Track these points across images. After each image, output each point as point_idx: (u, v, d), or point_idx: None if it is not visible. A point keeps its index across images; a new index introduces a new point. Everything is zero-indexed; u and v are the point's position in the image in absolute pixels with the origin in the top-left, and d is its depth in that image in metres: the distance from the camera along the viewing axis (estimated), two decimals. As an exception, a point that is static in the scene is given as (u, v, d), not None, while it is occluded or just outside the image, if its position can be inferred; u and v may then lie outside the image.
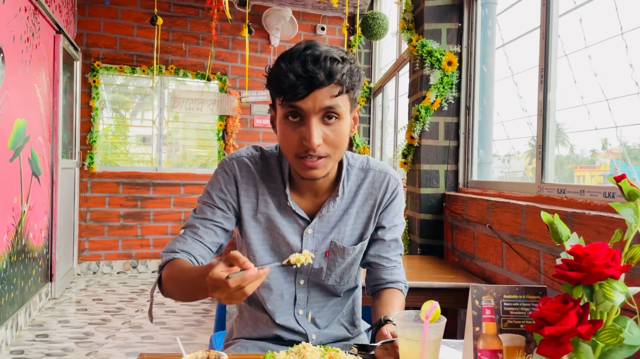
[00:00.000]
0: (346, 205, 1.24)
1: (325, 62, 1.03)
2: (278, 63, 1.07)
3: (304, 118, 1.06)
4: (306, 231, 1.22)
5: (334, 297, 1.32)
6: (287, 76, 1.03)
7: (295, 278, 1.27)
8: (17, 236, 3.43)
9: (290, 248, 1.22)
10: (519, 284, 1.95)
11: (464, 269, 2.51)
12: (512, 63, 2.91)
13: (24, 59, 3.52)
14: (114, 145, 5.76)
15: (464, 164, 2.83)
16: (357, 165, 1.26)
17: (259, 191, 1.22)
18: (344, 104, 1.08)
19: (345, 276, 1.29)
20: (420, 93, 2.88)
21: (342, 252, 1.24)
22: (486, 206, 2.25)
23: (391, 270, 1.32)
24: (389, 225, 1.28)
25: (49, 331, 3.54)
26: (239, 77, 5.64)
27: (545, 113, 1.97)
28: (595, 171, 2.40)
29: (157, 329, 3.63)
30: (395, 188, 1.27)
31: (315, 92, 1.03)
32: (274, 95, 1.10)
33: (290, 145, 1.09)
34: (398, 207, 1.29)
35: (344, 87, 1.06)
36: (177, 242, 1.19)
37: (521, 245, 1.93)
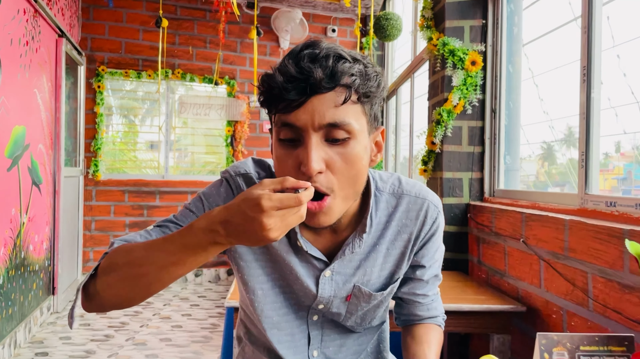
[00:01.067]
0: (374, 239, 0.99)
1: (326, 59, 0.78)
2: (272, 68, 0.83)
3: (300, 136, 0.81)
4: (323, 274, 0.99)
5: (354, 334, 1.11)
6: (274, 78, 0.79)
7: (307, 313, 1.05)
8: (16, 249, 3.26)
9: (304, 290, 1.00)
10: (562, 307, 1.74)
11: (492, 287, 2.30)
12: (532, 64, 2.71)
13: (23, 63, 3.36)
14: (120, 152, 5.61)
15: (490, 172, 2.62)
16: (387, 189, 1.00)
17: None
18: (356, 118, 0.81)
19: (367, 318, 1.08)
20: (441, 96, 2.68)
21: (368, 298, 1.02)
22: (519, 219, 2.04)
23: (428, 305, 1.11)
24: (429, 263, 1.05)
25: (49, 348, 3.36)
26: (247, 81, 5.46)
27: (589, 115, 1.76)
28: (608, 174, 2.34)
29: (162, 346, 3.45)
30: (436, 219, 1.02)
31: (312, 99, 0.78)
32: (262, 104, 0.85)
33: (286, 174, 0.82)
34: (439, 241, 1.06)
35: (351, 91, 0.79)
36: (138, 235, 0.93)
37: (564, 264, 1.72)
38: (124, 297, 0.83)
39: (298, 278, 0.99)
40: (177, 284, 5.29)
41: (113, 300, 0.84)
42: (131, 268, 0.80)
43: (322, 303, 1.02)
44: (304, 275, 0.99)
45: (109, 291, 0.83)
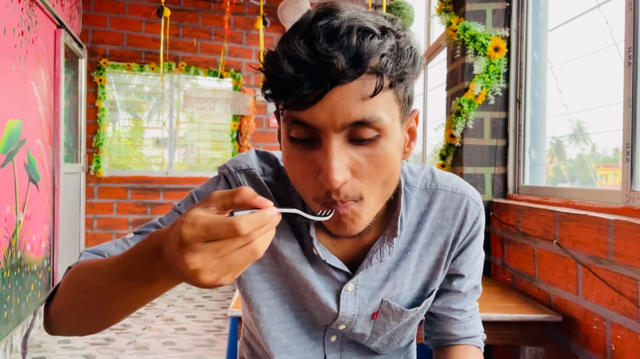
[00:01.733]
0: (404, 245, 0.82)
1: (349, 36, 0.59)
2: (278, 45, 0.63)
3: (317, 136, 0.63)
4: (345, 289, 0.81)
5: (377, 355, 0.93)
6: (280, 66, 0.59)
7: (324, 333, 0.88)
8: (11, 248, 3.11)
9: (322, 308, 0.82)
10: (605, 318, 1.55)
11: (519, 292, 2.11)
12: (550, 54, 2.53)
13: (18, 54, 3.20)
14: (125, 148, 5.45)
15: (514, 167, 2.43)
16: (418, 184, 0.83)
17: (279, 225, 0.77)
18: (387, 109, 0.63)
19: (396, 338, 0.91)
20: (461, 85, 2.49)
21: (398, 315, 0.84)
22: (552, 219, 1.85)
23: (465, 323, 0.92)
24: (468, 272, 0.87)
25: (47, 353, 3.21)
26: (253, 75, 5.29)
27: (635, 102, 1.57)
28: (618, 170, 2.21)
29: (165, 351, 3.29)
30: (477, 218, 0.84)
31: (332, 91, 0.59)
32: (267, 96, 0.66)
33: (300, 181, 0.67)
34: (480, 244, 0.88)
35: (382, 77, 0.61)
36: (113, 245, 0.77)
37: (607, 270, 1.53)
38: (71, 325, 0.68)
39: (315, 294, 0.81)
40: (182, 284, 5.14)
41: (63, 327, 0.69)
42: (77, 292, 0.65)
43: (343, 323, 0.84)
44: (322, 290, 0.81)
45: (58, 316, 0.68)
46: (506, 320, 1.72)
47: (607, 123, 2.26)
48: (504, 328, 1.76)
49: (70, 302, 0.66)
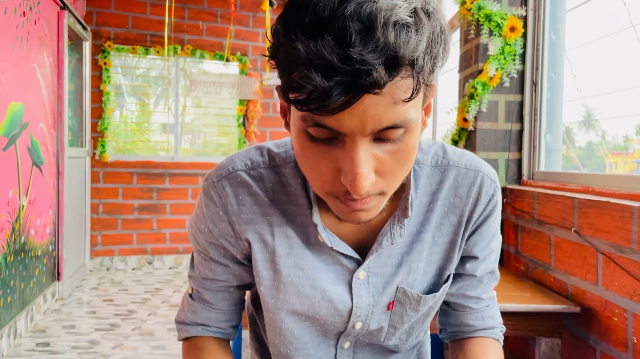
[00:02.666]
0: (416, 226, 0.76)
1: (386, 33, 0.49)
2: (291, 34, 0.52)
3: (340, 136, 0.57)
4: (356, 277, 0.75)
5: (391, 355, 0.87)
6: (309, 72, 0.50)
7: (337, 341, 0.81)
8: (15, 233, 3.07)
9: (334, 306, 0.76)
10: (626, 309, 1.48)
11: (534, 281, 2.04)
12: (567, 36, 2.43)
13: (20, 35, 3.13)
14: (132, 133, 5.39)
15: (529, 152, 2.34)
16: (428, 161, 0.76)
17: (273, 223, 0.75)
18: (416, 107, 0.57)
19: (415, 332, 0.84)
20: (475, 67, 2.39)
21: (416, 303, 0.78)
22: (570, 206, 1.77)
23: (482, 313, 0.85)
24: (483, 254, 0.80)
25: (51, 338, 3.19)
26: (260, 58, 5.20)
27: (663, 83, 1.48)
28: (628, 157, 2.24)
29: (170, 337, 3.25)
30: (493, 195, 0.77)
31: (364, 98, 0.52)
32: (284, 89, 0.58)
33: (317, 176, 0.62)
34: (496, 225, 0.80)
35: (420, 79, 0.54)
36: (188, 312, 0.85)
37: (630, 259, 1.46)
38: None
39: (324, 292, 0.75)
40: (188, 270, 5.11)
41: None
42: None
43: (359, 319, 0.77)
44: (332, 283, 0.75)
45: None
46: (521, 311, 1.65)
47: (618, 110, 2.20)
48: (519, 319, 1.69)
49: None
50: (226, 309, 0.84)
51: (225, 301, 0.83)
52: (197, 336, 0.84)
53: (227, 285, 0.82)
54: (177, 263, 5.11)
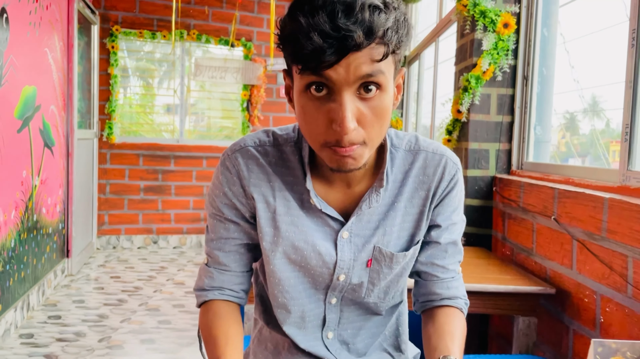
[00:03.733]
0: (391, 197, 0.94)
1: (362, 12, 0.71)
2: (294, 15, 0.74)
3: (332, 90, 0.76)
4: (340, 236, 0.92)
5: (373, 316, 1.02)
6: (310, 37, 0.71)
7: (325, 296, 0.97)
8: (28, 212, 3.22)
9: (322, 258, 0.93)
10: (596, 291, 1.62)
11: (517, 265, 2.18)
12: (564, 28, 2.52)
13: (33, 20, 3.24)
14: (136, 114, 5.52)
15: (519, 143, 2.46)
16: (403, 146, 0.95)
17: (275, 188, 0.93)
18: (388, 70, 0.77)
19: (391, 291, 1.00)
20: (469, 61, 2.50)
21: (389, 260, 0.94)
22: (551, 195, 1.90)
23: (448, 283, 1.00)
24: (445, 223, 0.97)
25: (62, 312, 3.36)
26: (264, 44, 5.29)
27: (637, 83, 1.60)
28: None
29: (175, 313, 3.42)
30: (455, 174, 0.96)
31: (349, 56, 0.72)
32: (291, 62, 0.78)
33: (314, 129, 0.79)
34: (457, 200, 0.98)
35: (389, 46, 0.74)
36: (205, 278, 1.00)
37: (600, 246, 1.59)
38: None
39: (315, 245, 0.92)
40: (192, 249, 5.28)
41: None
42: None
43: (343, 272, 0.94)
44: (320, 239, 0.92)
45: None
46: (502, 291, 1.79)
47: (621, 99, 2.25)
48: (500, 299, 1.83)
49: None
50: (238, 271, 0.99)
51: (237, 262, 0.98)
52: (212, 301, 0.98)
53: (239, 243, 0.97)
54: (181, 242, 5.27)
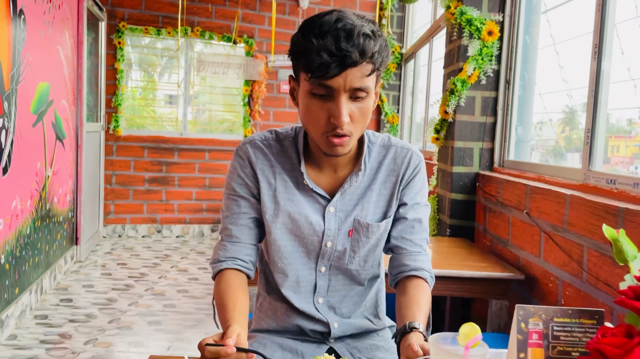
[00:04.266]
0: (368, 181, 1.19)
1: (359, 38, 0.98)
2: (307, 36, 1.00)
3: (332, 95, 1.02)
4: (327, 210, 1.17)
5: (356, 286, 1.24)
6: (320, 54, 0.97)
7: (316, 264, 1.20)
8: (42, 201, 3.42)
9: (313, 228, 1.16)
10: (558, 277, 1.82)
11: (496, 255, 2.38)
12: (554, 30, 2.69)
13: (47, 20, 3.43)
14: (139, 107, 5.70)
15: (500, 142, 2.66)
16: (378, 142, 1.21)
17: (276, 172, 1.19)
18: (373, 82, 1.04)
19: (369, 259, 1.22)
20: (456, 65, 2.70)
21: (367, 230, 1.18)
22: (524, 191, 2.10)
23: (415, 256, 1.21)
24: (410, 202, 1.21)
25: (73, 295, 3.57)
26: (265, 41, 5.47)
27: (597, 93, 1.79)
28: (630, 141, 2.30)
29: (180, 297, 3.63)
30: (418, 164, 1.22)
31: (347, 70, 0.99)
32: (300, 69, 1.05)
33: (316, 121, 1.06)
34: (420, 184, 1.22)
35: (375, 65, 1.01)
36: (220, 251, 1.21)
37: (562, 237, 1.79)
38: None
39: (308, 217, 1.16)
40: (194, 238, 5.48)
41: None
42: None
43: (329, 239, 1.17)
44: (312, 212, 1.16)
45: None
46: (477, 277, 2.00)
47: (619, 96, 2.29)
48: (477, 284, 2.04)
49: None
50: (248, 243, 1.20)
51: (247, 235, 1.20)
52: (225, 271, 1.17)
53: (248, 217, 1.19)
54: (184, 232, 5.48)
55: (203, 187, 5.48)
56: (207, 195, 5.49)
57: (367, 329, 1.26)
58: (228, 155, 5.44)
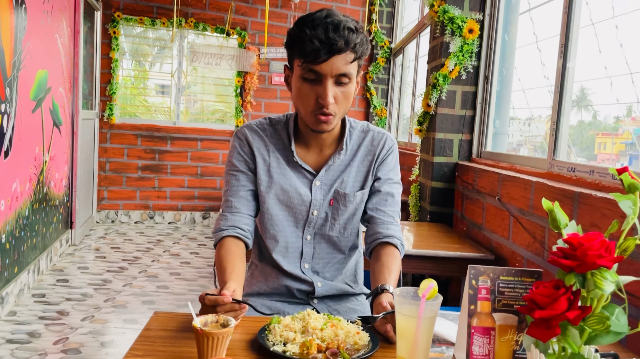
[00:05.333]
0: (349, 159, 1.38)
1: (344, 30, 1.16)
2: (301, 27, 1.18)
3: (320, 79, 1.20)
4: (314, 184, 1.35)
5: (338, 254, 1.41)
6: (312, 41, 1.15)
7: (303, 232, 1.37)
8: (39, 184, 3.54)
9: (302, 198, 1.34)
10: (523, 257, 2.00)
11: (471, 239, 2.55)
12: (537, 28, 2.84)
13: (46, 9, 3.53)
14: (133, 96, 5.81)
15: (478, 134, 2.83)
16: (358, 127, 1.40)
17: (270, 150, 1.36)
18: (354, 69, 1.22)
19: (348, 227, 1.39)
20: (439, 61, 2.85)
21: (345, 199, 1.36)
22: (497, 179, 2.27)
23: (387, 225, 1.38)
24: (384, 177, 1.40)
25: (69, 276, 3.70)
26: (258, 33, 5.59)
27: (563, 89, 1.96)
28: (617, 138, 2.35)
29: (172, 279, 3.77)
30: (392, 146, 1.41)
31: (334, 57, 1.16)
32: (294, 56, 1.23)
33: (306, 102, 1.23)
34: (393, 163, 1.42)
35: (357, 54, 1.20)
36: (221, 221, 1.36)
37: (528, 220, 1.96)
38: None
39: (297, 189, 1.34)
40: (186, 225, 5.62)
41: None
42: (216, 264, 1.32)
43: (315, 209, 1.35)
44: (300, 185, 1.35)
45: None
46: (451, 257, 2.17)
47: (609, 93, 2.28)
48: (451, 263, 2.20)
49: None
50: (246, 213, 1.36)
51: (245, 206, 1.36)
52: (226, 239, 1.31)
53: (247, 190, 1.36)
54: (176, 219, 5.61)
55: (195, 175, 5.61)
56: (199, 183, 5.63)
57: (346, 292, 1.43)
58: (220, 144, 5.57)
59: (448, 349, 1.11)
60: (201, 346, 0.90)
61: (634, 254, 1.31)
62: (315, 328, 1.03)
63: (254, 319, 1.18)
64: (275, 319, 1.08)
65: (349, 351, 0.99)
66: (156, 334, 1.05)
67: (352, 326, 1.07)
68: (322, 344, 0.98)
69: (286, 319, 1.08)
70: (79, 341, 2.66)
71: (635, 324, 0.77)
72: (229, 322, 0.95)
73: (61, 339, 2.66)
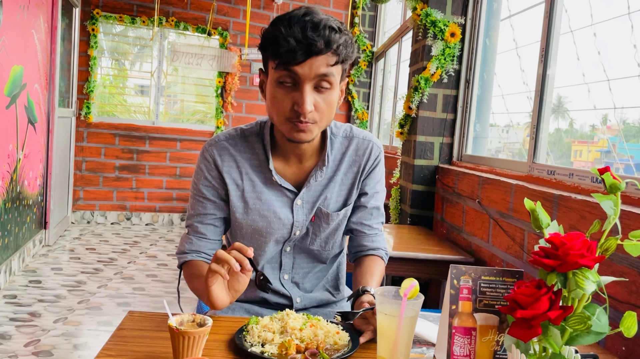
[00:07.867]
0: (331, 173, 1.26)
1: (324, 30, 1.03)
2: (276, 26, 1.05)
3: (297, 83, 1.06)
4: (295, 203, 1.24)
5: (319, 264, 1.35)
6: (287, 40, 1.02)
7: (282, 245, 1.30)
8: (12, 183, 3.45)
9: (282, 222, 1.24)
10: (503, 260, 2.00)
11: (451, 241, 2.56)
12: (517, 35, 2.87)
13: (22, 3, 3.45)
14: (111, 95, 5.72)
15: (459, 137, 2.84)
16: (340, 134, 1.27)
17: (242, 172, 1.23)
18: (337, 74, 1.09)
19: (330, 242, 1.33)
20: (421, 64, 2.86)
21: (327, 218, 1.27)
22: (477, 182, 2.27)
23: (372, 237, 1.35)
24: (371, 191, 1.31)
25: (42, 277, 3.61)
26: (240, 34, 5.55)
27: (543, 95, 1.97)
28: (593, 146, 2.37)
29: (149, 281, 3.71)
30: (378, 156, 1.29)
31: (312, 58, 1.03)
32: (269, 58, 1.10)
33: (281, 109, 1.09)
34: (380, 174, 1.33)
35: (340, 57, 1.07)
36: (185, 243, 1.27)
37: (508, 223, 1.97)
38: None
39: (276, 213, 1.23)
40: (164, 226, 5.54)
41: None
42: (192, 289, 1.24)
43: (297, 229, 1.26)
44: (281, 207, 1.24)
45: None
46: (430, 259, 2.17)
47: (586, 100, 2.29)
48: (430, 266, 2.20)
49: (190, 287, 1.24)
50: (213, 239, 1.28)
51: (212, 232, 1.27)
52: (191, 261, 1.25)
53: (214, 217, 1.26)
54: (153, 220, 5.53)
55: (174, 176, 5.54)
56: (177, 184, 5.56)
57: (327, 301, 1.39)
58: (199, 145, 5.51)
59: (429, 350, 1.10)
60: (177, 345, 0.88)
61: (613, 256, 1.31)
62: (294, 328, 1.01)
63: (232, 319, 1.15)
64: (253, 319, 1.05)
65: (329, 351, 0.97)
66: (130, 334, 1.02)
67: (331, 325, 1.05)
68: (301, 344, 0.96)
69: (264, 320, 1.06)
70: (51, 343, 2.59)
71: (614, 326, 0.76)
72: (206, 321, 0.93)
73: (32, 341, 2.59)
